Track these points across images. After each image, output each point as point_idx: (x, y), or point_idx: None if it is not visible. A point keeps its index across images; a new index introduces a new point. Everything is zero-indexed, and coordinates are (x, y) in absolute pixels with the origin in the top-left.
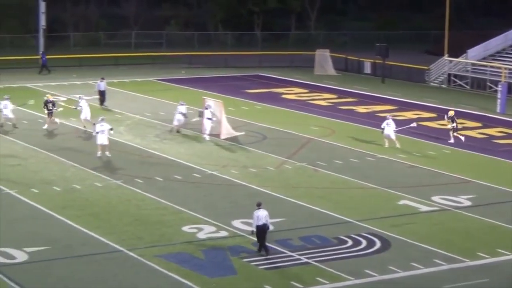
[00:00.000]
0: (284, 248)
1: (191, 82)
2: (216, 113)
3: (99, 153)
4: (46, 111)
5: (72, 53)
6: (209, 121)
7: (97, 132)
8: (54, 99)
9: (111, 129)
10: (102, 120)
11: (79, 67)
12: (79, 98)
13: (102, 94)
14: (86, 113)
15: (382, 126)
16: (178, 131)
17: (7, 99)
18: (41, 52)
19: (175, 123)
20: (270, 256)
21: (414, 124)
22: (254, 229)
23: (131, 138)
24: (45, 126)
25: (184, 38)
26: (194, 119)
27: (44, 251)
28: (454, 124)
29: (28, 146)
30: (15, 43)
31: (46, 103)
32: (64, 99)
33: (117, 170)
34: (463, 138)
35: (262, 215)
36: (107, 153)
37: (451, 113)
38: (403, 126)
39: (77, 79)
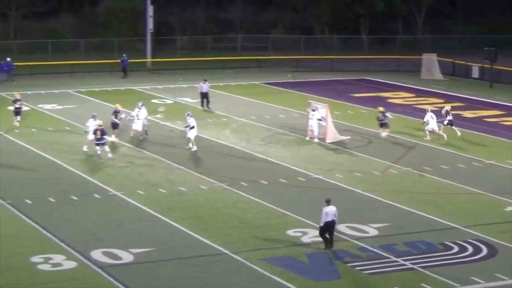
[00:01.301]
0: (389, 253)
1: (297, 85)
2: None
3: (189, 145)
4: (113, 120)
5: (178, 56)
6: (318, 122)
7: (186, 126)
8: (122, 109)
9: (186, 126)
10: (188, 114)
11: (185, 71)
12: (141, 105)
13: (205, 96)
14: (138, 125)
15: (425, 120)
16: (312, 138)
17: (142, 105)
18: (123, 55)
19: (310, 128)
20: (375, 261)
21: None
22: (322, 224)
23: (237, 141)
24: (111, 138)
25: (290, 42)
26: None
27: (149, 253)
28: (450, 118)
29: (135, 148)
30: (123, 46)
31: (115, 112)
32: (171, 102)
33: (222, 173)
34: (459, 133)
35: (330, 211)
36: (192, 146)
37: (448, 107)
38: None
39: (184, 82)
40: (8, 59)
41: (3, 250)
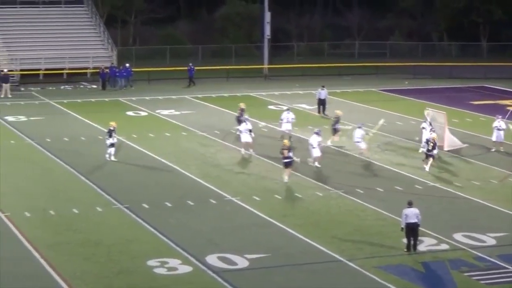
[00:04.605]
0: (507, 263)
1: (414, 93)
2: (439, 124)
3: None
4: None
5: (295, 63)
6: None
7: (241, 131)
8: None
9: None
10: (247, 119)
11: (302, 77)
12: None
13: (322, 102)
14: (246, 138)
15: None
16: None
17: (287, 110)
18: (190, 64)
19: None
20: (492, 271)
21: None
22: (403, 226)
23: (353, 148)
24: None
25: (408, 48)
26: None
27: (264, 258)
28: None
29: (252, 155)
30: (239, 53)
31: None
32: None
33: (338, 180)
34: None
35: (411, 213)
36: (251, 150)
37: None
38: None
39: (300, 88)
40: (127, 64)
41: (121, 253)
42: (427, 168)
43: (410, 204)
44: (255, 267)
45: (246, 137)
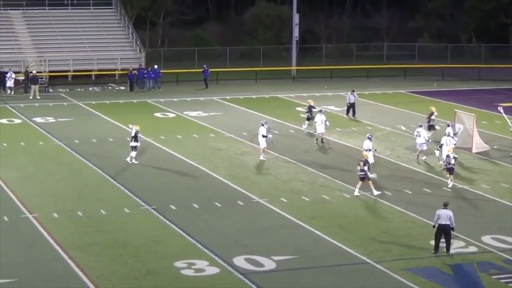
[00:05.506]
0: None
1: (443, 94)
2: (468, 126)
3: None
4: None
5: (323, 64)
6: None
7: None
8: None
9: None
10: (266, 123)
11: (330, 79)
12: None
13: (352, 106)
14: (320, 129)
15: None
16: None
17: (320, 112)
18: (204, 65)
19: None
20: None
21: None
22: (435, 224)
23: (381, 150)
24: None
25: (437, 50)
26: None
27: (291, 260)
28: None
29: (279, 156)
30: (267, 54)
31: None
32: (315, 110)
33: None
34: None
35: (443, 214)
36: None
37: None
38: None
39: (328, 90)
40: (156, 66)
41: (148, 254)
42: (450, 184)
43: (445, 206)
44: (282, 269)
45: (264, 143)
